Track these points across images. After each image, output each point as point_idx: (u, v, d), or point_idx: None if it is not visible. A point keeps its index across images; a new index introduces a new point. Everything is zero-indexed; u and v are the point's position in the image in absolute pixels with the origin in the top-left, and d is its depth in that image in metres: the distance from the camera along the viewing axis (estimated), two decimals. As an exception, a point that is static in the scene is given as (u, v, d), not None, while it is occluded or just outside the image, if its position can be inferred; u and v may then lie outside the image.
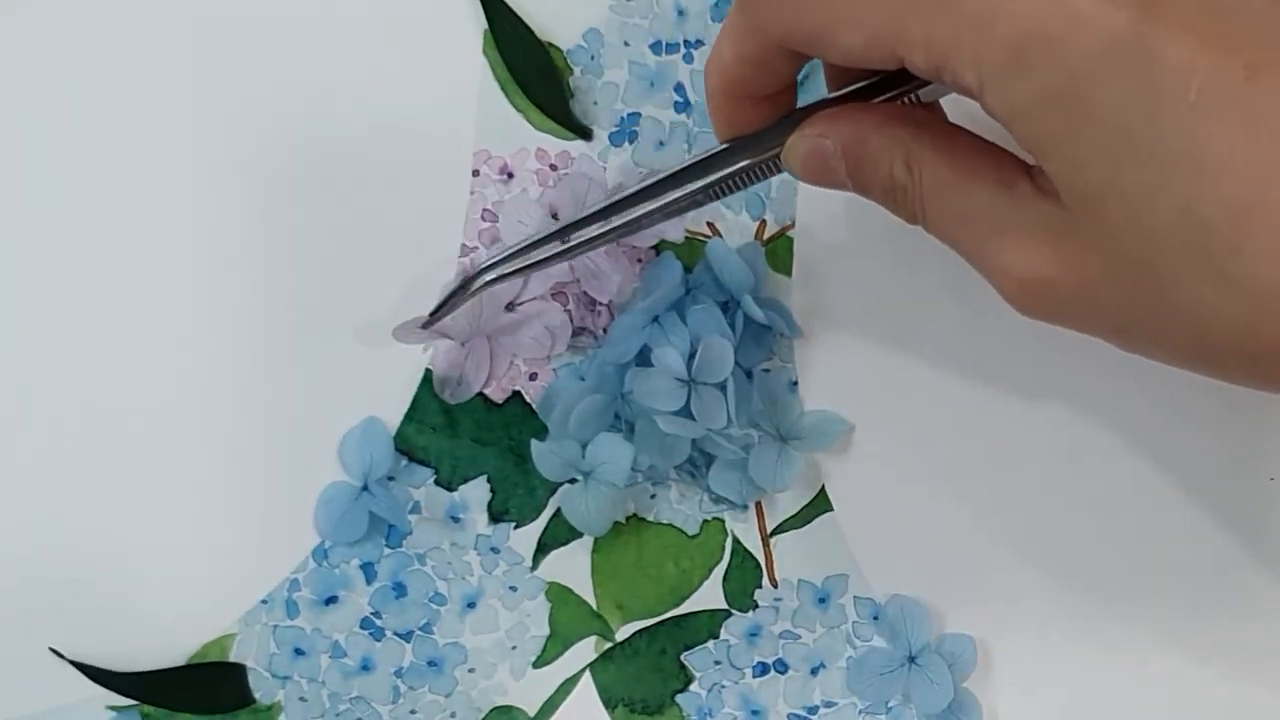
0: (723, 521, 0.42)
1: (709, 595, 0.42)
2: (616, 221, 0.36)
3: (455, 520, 0.42)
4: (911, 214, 0.33)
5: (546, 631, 0.42)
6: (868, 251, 0.43)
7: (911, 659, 0.42)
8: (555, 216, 0.41)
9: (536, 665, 0.42)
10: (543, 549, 0.42)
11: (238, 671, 0.41)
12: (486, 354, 0.42)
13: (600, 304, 0.42)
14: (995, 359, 0.43)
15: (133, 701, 0.41)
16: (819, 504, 0.43)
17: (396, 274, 0.42)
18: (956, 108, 0.33)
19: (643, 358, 0.41)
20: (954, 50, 0.29)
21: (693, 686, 0.42)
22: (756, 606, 0.42)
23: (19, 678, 0.41)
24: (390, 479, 0.42)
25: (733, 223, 0.43)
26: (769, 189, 0.43)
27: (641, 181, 0.36)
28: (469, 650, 0.42)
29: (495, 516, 0.42)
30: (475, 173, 0.43)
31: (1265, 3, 0.28)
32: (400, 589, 0.42)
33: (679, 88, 0.43)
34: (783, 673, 0.42)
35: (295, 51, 0.42)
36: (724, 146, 0.35)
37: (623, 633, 0.42)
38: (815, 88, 0.42)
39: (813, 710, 0.42)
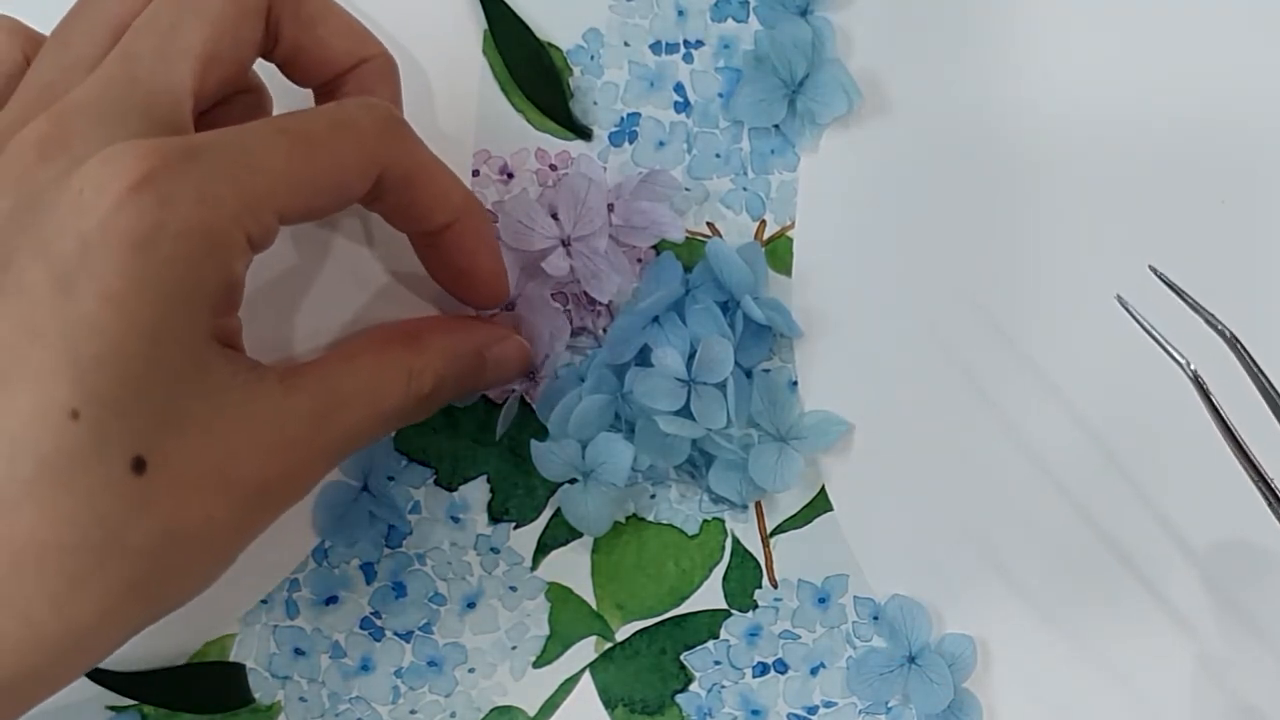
0: (723, 521, 0.42)
1: (709, 595, 0.42)
2: None
3: (455, 520, 0.42)
4: None
5: (546, 631, 0.42)
6: (868, 251, 0.43)
7: (911, 659, 0.42)
8: (555, 216, 0.41)
9: (536, 665, 0.42)
10: (543, 549, 0.42)
11: (238, 671, 0.41)
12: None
13: (600, 304, 0.42)
14: (995, 359, 0.43)
15: (133, 701, 0.41)
16: (819, 504, 0.43)
17: (397, 274, 0.42)
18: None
19: (643, 358, 0.41)
20: None
21: (693, 686, 0.42)
22: (756, 606, 0.42)
23: (19, 678, 0.41)
24: (390, 479, 0.42)
25: (733, 223, 0.43)
26: (769, 189, 0.43)
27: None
28: (469, 650, 0.42)
29: (495, 516, 0.42)
30: (475, 173, 0.43)
31: None
32: (400, 589, 0.42)
33: (679, 87, 0.43)
34: (783, 673, 0.42)
35: (295, 51, 0.42)
36: None
37: (623, 633, 0.42)
38: (818, 84, 0.42)
39: (813, 710, 0.42)
